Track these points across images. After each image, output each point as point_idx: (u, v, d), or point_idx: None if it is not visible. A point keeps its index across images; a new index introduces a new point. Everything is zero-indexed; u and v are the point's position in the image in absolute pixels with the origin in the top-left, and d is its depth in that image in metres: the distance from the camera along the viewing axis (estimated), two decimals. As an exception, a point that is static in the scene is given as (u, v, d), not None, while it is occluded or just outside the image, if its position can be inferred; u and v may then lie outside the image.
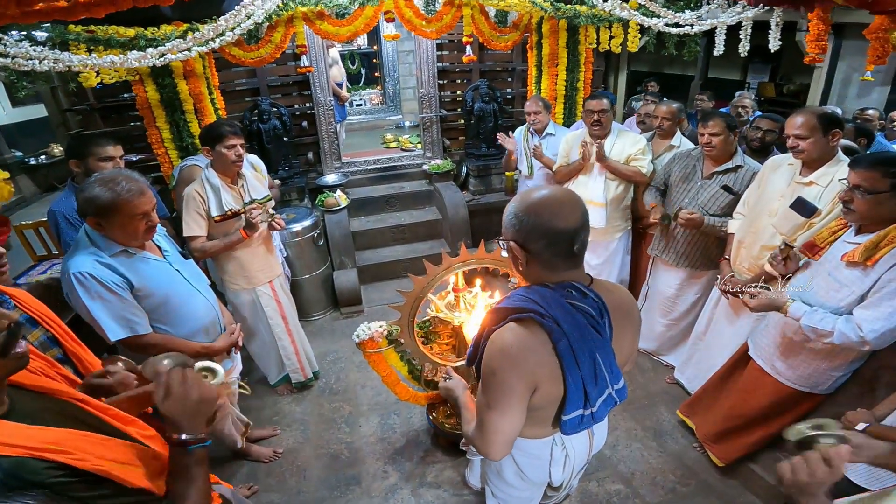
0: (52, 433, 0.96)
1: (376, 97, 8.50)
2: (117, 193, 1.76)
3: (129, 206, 1.79)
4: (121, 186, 1.77)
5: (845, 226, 2.06)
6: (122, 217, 1.80)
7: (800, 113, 2.32)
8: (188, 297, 2.11)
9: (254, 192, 2.81)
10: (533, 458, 1.53)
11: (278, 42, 3.79)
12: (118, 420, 1.17)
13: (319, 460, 2.91)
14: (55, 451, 0.92)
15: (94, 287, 1.82)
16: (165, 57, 3.11)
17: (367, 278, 4.70)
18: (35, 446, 0.90)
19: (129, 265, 1.89)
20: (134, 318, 1.92)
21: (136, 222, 1.84)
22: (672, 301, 3.31)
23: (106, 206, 1.76)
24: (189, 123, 3.78)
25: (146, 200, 1.84)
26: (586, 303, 1.24)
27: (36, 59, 2.65)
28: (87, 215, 1.81)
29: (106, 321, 1.86)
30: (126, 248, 1.89)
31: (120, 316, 1.89)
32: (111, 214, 1.78)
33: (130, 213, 1.80)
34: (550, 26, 4.35)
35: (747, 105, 4.41)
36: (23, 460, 0.88)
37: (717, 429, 2.68)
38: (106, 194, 1.75)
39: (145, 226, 1.87)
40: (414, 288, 2.37)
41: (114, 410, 1.19)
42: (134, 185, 1.80)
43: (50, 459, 0.91)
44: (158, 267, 2.01)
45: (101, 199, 1.75)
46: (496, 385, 1.23)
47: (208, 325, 2.20)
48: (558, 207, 1.20)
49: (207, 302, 2.21)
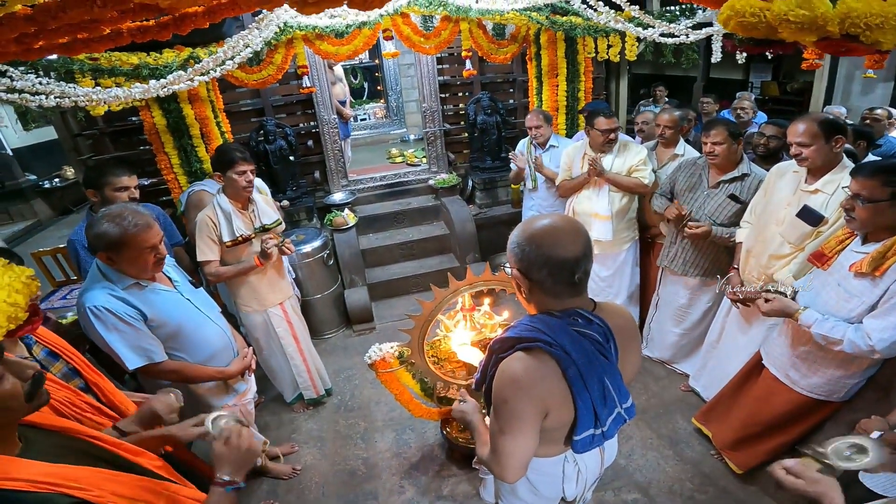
0: (70, 470, 1.02)
1: (380, 111, 8.54)
2: (125, 229, 1.81)
3: (137, 240, 1.84)
4: (128, 221, 1.83)
5: (852, 234, 2.05)
6: (131, 251, 1.85)
7: (801, 120, 2.30)
8: (200, 325, 2.17)
9: (264, 217, 2.85)
10: (546, 476, 1.55)
11: (280, 63, 3.86)
12: (129, 452, 1.25)
13: (337, 476, 2.94)
14: (75, 487, 0.98)
15: (109, 320, 1.87)
16: (168, 87, 3.17)
17: (378, 295, 4.72)
18: (56, 482, 0.96)
19: (141, 297, 1.95)
20: (149, 348, 1.98)
21: (146, 255, 1.89)
22: (684, 310, 3.30)
23: (115, 242, 1.82)
24: (196, 148, 3.83)
25: (154, 234, 1.89)
26: (592, 329, 1.26)
27: (42, 93, 2.72)
28: (97, 251, 1.87)
29: (123, 351, 1.92)
30: (137, 280, 1.94)
31: (136, 346, 1.95)
32: (121, 249, 1.84)
33: (139, 246, 1.86)
34: (548, 37, 4.38)
35: (746, 107, 4.38)
36: (48, 496, 0.94)
37: (734, 436, 2.67)
38: (114, 230, 1.81)
39: (154, 258, 1.92)
40: (423, 312, 2.40)
41: (125, 445, 1.27)
42: (141, 219, 1.86)
43: (70, 495, 0.97)
44: (169, 297, 2.07)
45: (110, 235, 1.81)
46: (508, 412, 1.25)
47: (221, 350, 2.27)
48: (559, 237, 1.22)
49: (219, 328, 2.27)
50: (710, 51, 4.03)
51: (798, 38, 1.15)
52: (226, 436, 1.30)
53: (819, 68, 4.09)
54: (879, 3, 1.24)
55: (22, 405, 1.02)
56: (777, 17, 1.12)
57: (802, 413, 2.34)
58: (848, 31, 1.14)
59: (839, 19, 1.13)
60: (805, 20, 1.11)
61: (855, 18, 1.13)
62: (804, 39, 1.16)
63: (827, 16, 1.12)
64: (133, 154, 4.26)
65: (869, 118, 3.92)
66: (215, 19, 1.38)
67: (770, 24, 1.15)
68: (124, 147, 4.31)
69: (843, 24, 1.13)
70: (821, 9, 1.12)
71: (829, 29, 1.11)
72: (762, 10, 1.14)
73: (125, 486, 1.10)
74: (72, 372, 1.73)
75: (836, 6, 1.15)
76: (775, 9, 1.12)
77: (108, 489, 1.04)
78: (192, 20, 1.40)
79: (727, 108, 5.62)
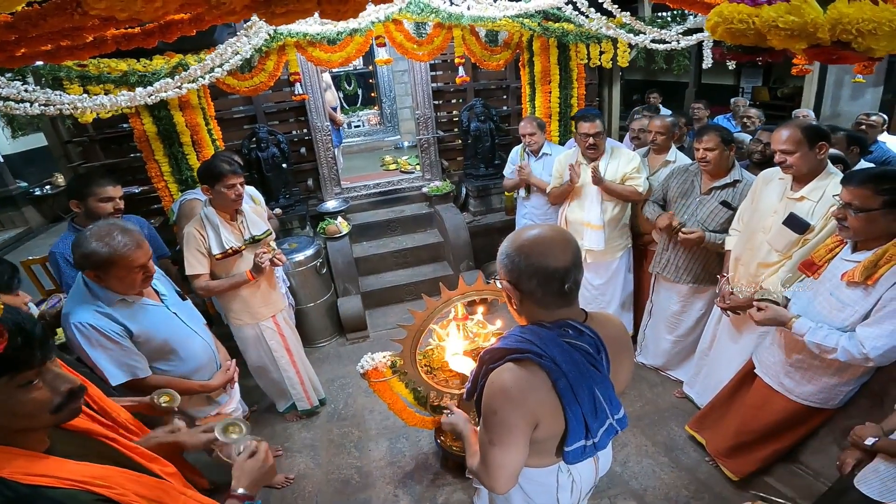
0: (96, 469, 1.07)
1: (374, 118, 8.53)
2: (114, 249, 1.78)
3: (126, 260, 1.81)
4: (117, 241, 1.78)
5: (842, 242, 2.05)
6: (119, 270, 1.82)
7: (784, 127, 2.30)
8: (186, 339, 2.17)
9: (253, 228, 2.82)
10: (540, 486, 1.53)
11: (271, 70, 3.84)
12: (143, 458, 1.27)
13: (331, 485, 2.91)
14: (100, 485, 1.03)
15: (94, 336, 1.86)
16: (156, 95, 3.13)
17: (372, 304, 4.70)
18: (83, 480, 1.01)
19: (127, 314, 1.94)
20: (133, 364, 1.97)
21: (134, 274, 1.87)
22: (677, 317, 3.30)
23: (103, 262, 1.78)
24: (187, 156, 3.81)
25: (143, 253, 1.86)
26: (583, 340, 1.25)
27: (27, 101, 2.66)
28: (84, 269, 1.84)
29: (107, 367, 1.91)
30: (124, 297, 1.92)
31: (121, 362, 1.94)
32: (109, 268, 1.81)
33: (128, 266, 1.83)
34: (541, 44, 4.39)
35: (753, 115, 4.33)
36: (74, 492, 0.99)
37: (728, 444, 2.66)
38: (103, 249, 1.77)
39: (142, 276, 1.90)
40: (415, 321, 2.39)
41: (140, 449, 1.29)
42: (129, 238, 1.82)
43: (96, 492, 1.01)
44: (156, 312, 2.06)
45: (98, 255, 1.77)
46: (497, 423, 1.24)
47: (206, 363, 2.26)
48: (549, 247, 1.21)
49: (204, 342, 2.27)
50: (701, 57, 4.05)
51: (788, 45, 1.13)
52: (252, 450, 1.33)
53: (809, 73, 4.10)
54: (871, 8, 1.21)
55: (46, 417, 1.04)
56: (766, 23, 1.10)
57: (797, 420, 2.34)
58: (839, 38, 1.12)
59: (830, 25, 1.10)
60: (795, 27, 1.09)
61: (846, 25, 1.11)
62: (794, 47, 1.14)
63: (817, 22, 1.09)
64: (124, 161, 4.23)
65: (864, 123, 3.89)
66: (202, 27, 1.36)
67: (759, 32, 1.13)
68: (115, 154, 4.27)
69: (835, 30, 1.11)
70: (811, 15, 1.10)
71: (820, 36, 1.09)
72: (751, 16, 1.12)
73: (146, 488, 1.12)
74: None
75: (827, 12, 1.13)
76: (764, 15, 1.11)
77: (131, 489, 1.07)
78: (177, 28, 1.38)
79: (719, 114, 5.65)
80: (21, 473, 0.96)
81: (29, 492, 0.95)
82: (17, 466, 0.97)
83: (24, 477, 0.96)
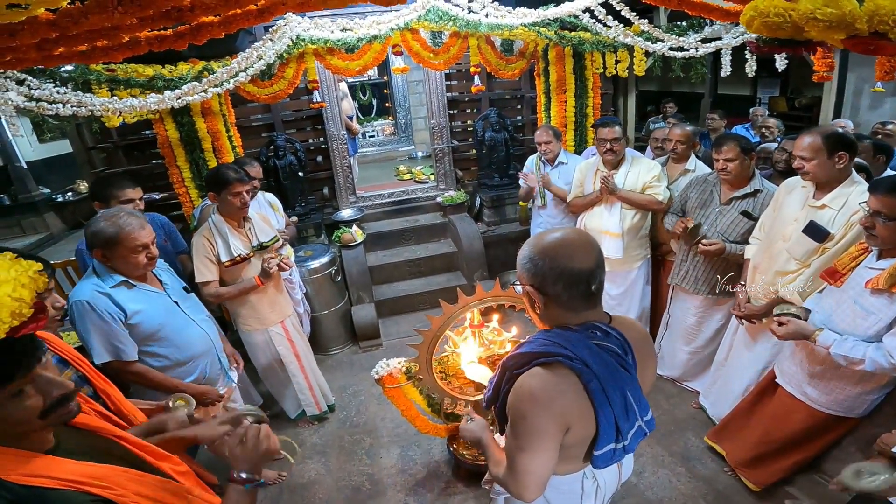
0: (96, 468, 1.05)
1: (388, 128, 8.60)
2: (119, 227, 1.96)
3: (129, 238, 1.98)
4: (122, 220, 1.98)
5: (866, 250, 2.03)
6: (123, 249, 1.99)
7: (808, 133, 2.29)
8: (184, 327, 2.27)
9: (261, 235, 2.85)
10: (564, 494, 1.50)
11: (291, 78, 3.89)
12: (153, 456, 1.27)
13: (341, 492, 2.90)
14: (98, 486, 1.01)
15: (87, 313, 1.99)
16: (183, 98, 3.21)
17: (385, 312, 4.70)
18: (80, 480, 1.00)
19: (127, 296, 2.06)
20: (120, 346, 2.07)
21: (137, 254, 2.02)
22: (694, 329, 3.26)
23: (109, 239, 1.96)
24: (208, 162, 3.85)
25: (145, 234, 2.02)
26: (610, 341, 1.24)
27: (60, 102, 2.78)
28: (94, 248, 1.99)
29: (94, 345, 2.03)
30: (127, 279, 2.05)
31: (107, 342, 2.04)
32: (114, 246, 1.98)
33: (131, 244, 1.99)
34: (556, 53, 4.40)
35: (771, 125, 4.29)
36: (69, 494, 0.97)
37: (749, 454, 2.61)
38: (109, 228, 1.96)
39: (146, 257, 2.04)
40: (431, 327, 2.39)
41: (150, 447, 1.28)
42: (134, 219, 2.01)
43: (93, 493, 1.00)
44: (156, 298, 2.19)
45: (105, 233, 1.95)
46: (527, 429, 1.22)
47: (204, 352, 2.36)
48: (573, 249, 1.21)
49: (203, 332, 2.36)
50: (718, 66, 4.02)
51: (826, 36, 1.13)
52: (240, 436, 1.29)
53: (829, 81, 4.06)
54: None
55: (37, 422, 1.02)
56: (803, 16, 1.11)
57: (820, 429, 2.30)
58: (876, 29, 1.12)
59: (867, 17, 1.11)
60: (833, 18, 1.09)
61: (883, 16, 1.11)
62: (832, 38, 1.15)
63: (855, 13, 1.10)
64: (145, 168, 4.29)
65: (881, 133, 3.85)
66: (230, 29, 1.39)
67: (796, 24, 1.14)
68: (137, 161, 4.35)
69: (872, 21, 1.11)
70: (848, 7, 1.10)
71: (858, 27, 1.10)
72: (787, 9, 1.13)
73: (148, 487, 1.11)
74: (81, 379, 1.75)
75: (864, 4, 1.13)
76: (801, 8, 1.11)
77: (131, 489, 1.06)
78: (208, 29, 1.41)
79: (736, 124, 5.60)
80: (16, 474, 0.95)
81: (25, 492, 0.94)
82: (11, 467, 0.96)
83: (18, 477, 0.95)
